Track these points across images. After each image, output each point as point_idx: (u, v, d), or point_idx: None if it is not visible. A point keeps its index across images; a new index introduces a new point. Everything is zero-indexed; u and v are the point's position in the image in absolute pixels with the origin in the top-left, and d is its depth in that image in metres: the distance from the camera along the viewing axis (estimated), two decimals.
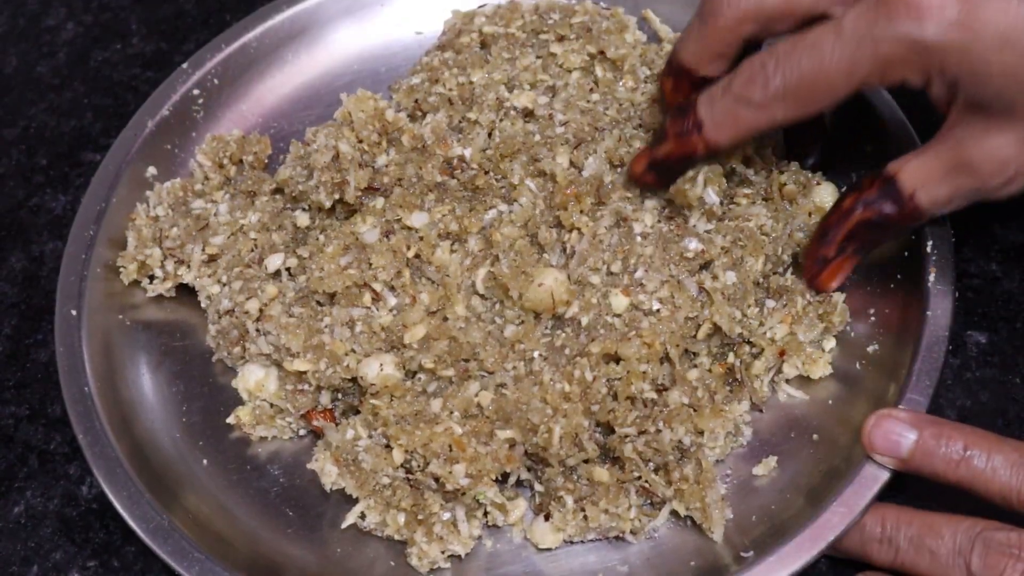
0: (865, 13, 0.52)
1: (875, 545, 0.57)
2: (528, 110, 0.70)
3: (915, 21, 0.50)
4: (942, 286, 0.62)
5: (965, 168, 0.55)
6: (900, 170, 0.57)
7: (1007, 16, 0.49)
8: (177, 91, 0.75)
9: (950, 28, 0.50)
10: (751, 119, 0.56)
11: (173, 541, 0.58)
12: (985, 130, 0.53)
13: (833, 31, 0.53)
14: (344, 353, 0.63)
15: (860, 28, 0.52)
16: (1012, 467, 0.54)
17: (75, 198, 0.70)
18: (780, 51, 0.54)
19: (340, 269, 0.64)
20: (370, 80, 0.79)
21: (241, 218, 0.70)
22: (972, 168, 0.55)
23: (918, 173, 0.57)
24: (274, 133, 0.77)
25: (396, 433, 0.60)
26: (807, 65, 0.53)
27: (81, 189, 0.70)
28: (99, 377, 0.64)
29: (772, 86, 0.54)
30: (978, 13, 0.50)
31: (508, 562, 0.61)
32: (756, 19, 0.57)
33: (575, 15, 0.75)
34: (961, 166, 0.55)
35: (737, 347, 0.64)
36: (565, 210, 0.64)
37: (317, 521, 0.62)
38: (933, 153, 0.56)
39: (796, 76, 0.54)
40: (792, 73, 0.54)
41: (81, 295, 0.67)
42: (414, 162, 0.67)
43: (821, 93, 0.54)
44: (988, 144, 0.54)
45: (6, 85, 0.88)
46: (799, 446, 0.62)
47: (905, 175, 0.57)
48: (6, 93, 0.88)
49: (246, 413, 0.65)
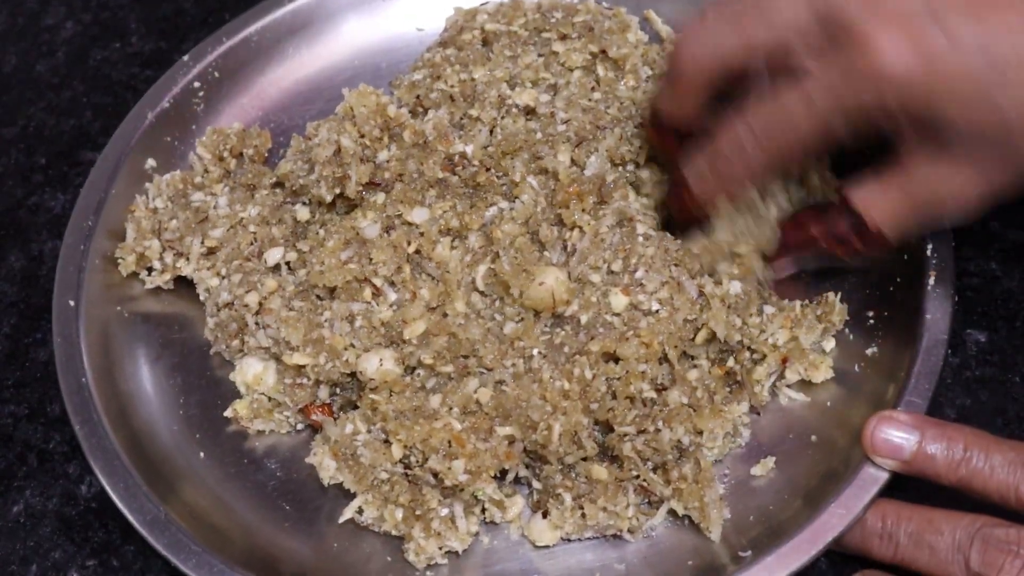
0: (827, 80, 0.52)
1: (875, 540, 0.57)
2: (530, 108, 0.70)
3: (875, 84, 0.51)
4: (941, 289, 0.62)
5: (930, 203, 0.56)
6: (866, 206, 0.58)
7: (968, 67, 0.50)
8: (178, 83, 0.75)
9: (912, 86, 0.50)
10: (740, 186, 0.60)
11: (170, 534, 0.57)
12: (949, 167, 0.54)
13: (801, 102, 0.53)
14: (344, 348, 0.62)
15: (825, 97, 0.52)
16: (1010, 465, 0.54)
17: (74, 197, 0.70)
18: (752, 121, 0.56)
19: (340, 264, 0.64)
20: (371, 75, 0.79)
21: (241, 211, 0.70)
22: (937, 203, 0.56)
23: (885, 209, 0.57)
24: (274, 127, 0.77)
25: (395, 428, 0.60)
26: (781, 137, 0.55)
27: (80, 188, 0.70)
28: (97, 369, 0.64)
29: (753, 161, 0.57)
30: (937, 67, 0.50)
31: (505, 559, 0.61)
32: (721, 69, 0.58)
33: (577, 14, 0.75)
34: (927, 202, 0.56)
35: (737, 353, 0.64)
36: (567, 208, 0.64)
37: (314, 515, 0.62)
38: (897, 188, 0.57)
39: (774, 147, 0.56)
40: (769, 145, 0.56)
41: (79, 286, 0.66)
42: (415, 158, 0.67)
43: (799, 154, 0.56)
44: (952, 182, 0.55)
45: (5, 84, 0.88)
46: (797, 447, 0.62)
47: (872, 211, 0.57)
48: (5, 92, 0.87)
49: (244, 407, 0.65)
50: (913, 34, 0.50)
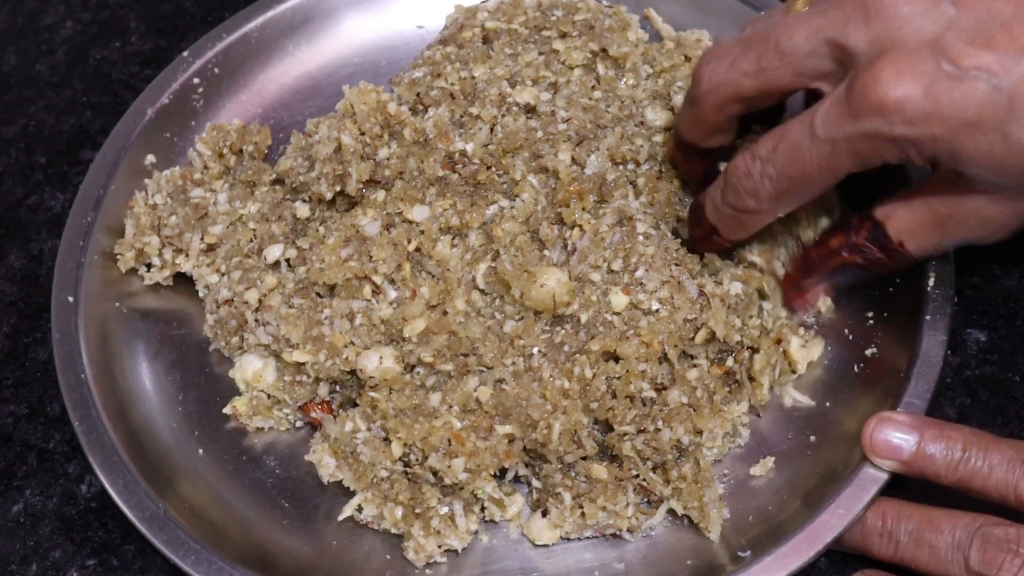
0: (833, 113, 0.52)
1: (875, 539, 0.57)
2: (530, 106, 0.70)
3: (881, 118, 0.50)
4: (941, 290, 0.62)
5: (952, 222, 0.56)
6: (889, 218, 0.57)
7: (975, 99, 0.48)
8: (177, 79, 0.75)
9: (917, 119, 0.49)
10: (757, 220, 0.59)
11: (169, 530, 0.58)
12: (977, 197, 0.54)
13: (807, 135, 0.53)
14: (343, 345, 0.62)
15: (831, 129, 0.52)
16: (1008, 464, 0.54)
17: (74, 196, 0.70)
18: (762, 155, 0.56)
19: (340, 261, 0.64)
20: (371, 73, 0.79)
21: (240, 208, 0.70)
22: (958, 223, 0.56)
23: (906, 223, 0.57)
24: (274, 123, 0.77)
25: (395, 426, 0.60)
26: (790, 170, 0.55)
27: (80, 187, 0.70)
28: (96, 365, 0.64)
29: (763, 194, 0.57)
30: (943, 100, 0.48)
31: (504, 557, 0.61)
32: (737, 101, 0.57)
33: (578, 12, 0.75)
34: (948, 220, 0.56)
35: (737, 353, 0.64)
36: (567, 207, 0.64)
37: (313, 513, 0.62)
38: (921, 204, 0.56)
39: (784, 181, 0.55)
40: (780, 180, 0.55)
41: (78, 282, 0.66)
42: (416, 156, 0.67)
43: (811, 189, 0.56)
44: (971, 204, 0.54)
45: (5, 83, 0.88)
46: (796, 447, 0.62)
47: (894, 224, 0.57)
48: (5, 91, 0.87)
49: (243, 403, 0.65)
50: (918, 66, 0.49)
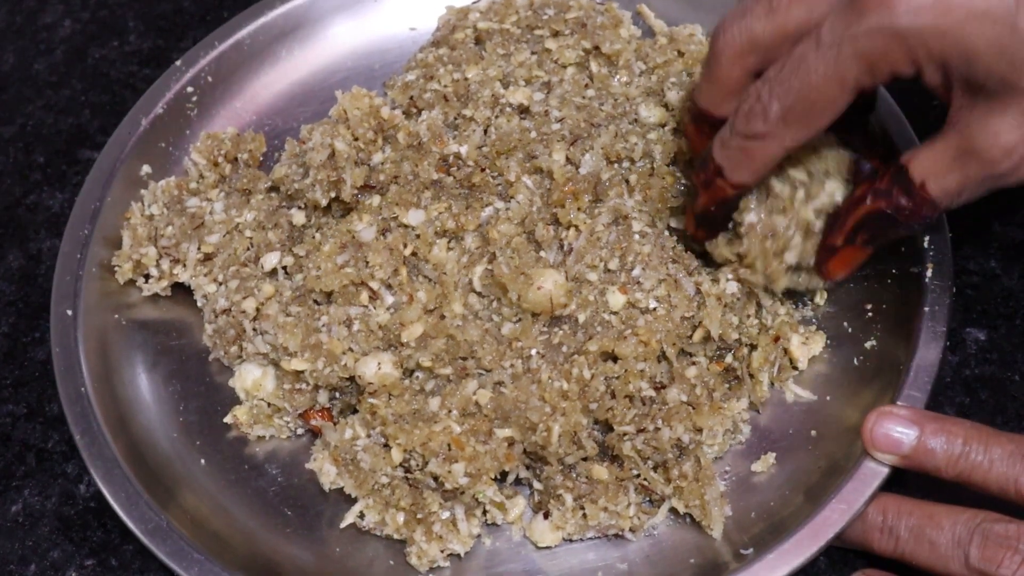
0: (839, 17, 0.51)
1: (876, 534, 0.57)
2: (524, 106, 0.70)
3: (887, 11, 0.49)
4: (939, 281, 0.62)
5: (972, 155, 0.54)
6: (911, 160, 0.56)
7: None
8: (171, 88, 0.75)
9: (923, 11, 0.49)
10: (764, 151, 0.57)
11: (171, 541, 0.58)
12: (987, 114, 0.52)
13: (813, 43, 0.52)
14: (342, 352, 0.62)
15: (837, 33, 0.51)
16: (1009, 458, 0.54)
17: (72, 196, 0.70)
18: (771, 76, 0.54)
19: (337, 268, 0.64)
20: (364, 76, 0.79)
21: (237, 216, 0.70)
22: (978, 155, 0.54)
23: (927, 162, 0.56)
24: (269, 130, 0.77)
25: (395, 432, 0.60)
26: (798, 84, 0.53)
27: (78, 187, 0.70)
28: (95, 377, 0.64)
29: (772, 114, 0.55)
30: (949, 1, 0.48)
31: (507, 560, 0.61)
32: (754, 50, 0.56)
33: (569, 10, 0.75)
34: (967, 153, 0.54)
35: (736, 350, 0.64)
36: (563, 207, 0.64)
37: (316, 520, 0.62)
38: (941, 142, 0.55)
39: (791, 98, 0.54)
40: (787, 96, 0.54)
41: (77, 295, 0.66)
42: (410, 159, 0.67)
43: (821, 107, 0.54)
44: (991, 129, 0.52)
45: (3, 82, 0.88)
46: (797, 443, 0.62)
47: (915, 165, 0.56)
48: (3, 90, 0.87)
49: (243, 412, 0.65)
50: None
